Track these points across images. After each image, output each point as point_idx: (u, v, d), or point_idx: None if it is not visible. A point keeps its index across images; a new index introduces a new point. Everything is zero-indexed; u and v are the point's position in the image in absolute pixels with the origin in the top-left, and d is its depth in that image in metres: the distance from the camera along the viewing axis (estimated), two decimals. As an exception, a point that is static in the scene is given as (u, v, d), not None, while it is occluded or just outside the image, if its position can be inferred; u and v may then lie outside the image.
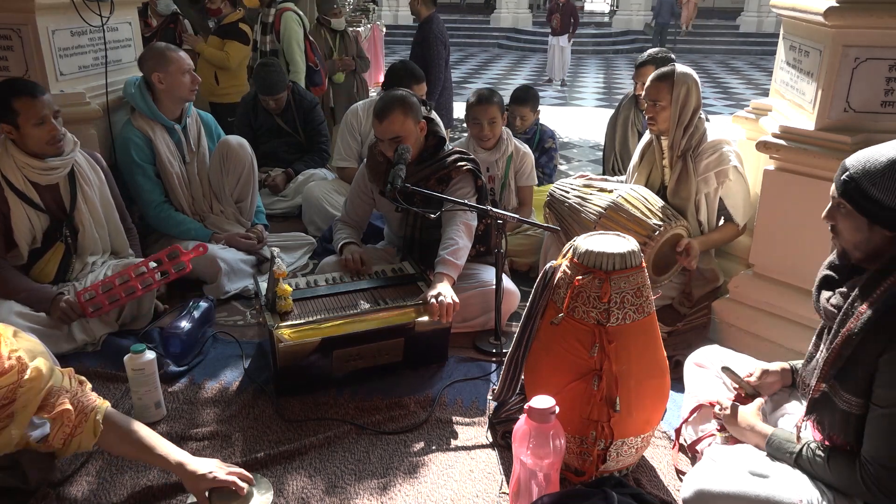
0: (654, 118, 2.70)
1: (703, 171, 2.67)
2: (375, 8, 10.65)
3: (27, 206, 2.58)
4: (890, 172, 1.43)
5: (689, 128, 2.68)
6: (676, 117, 2.65)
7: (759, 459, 1.67)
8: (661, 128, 2.71)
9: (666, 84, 2.64)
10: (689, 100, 2.64)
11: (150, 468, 2.04)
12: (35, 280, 2.64)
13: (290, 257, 3.47)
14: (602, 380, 1.80)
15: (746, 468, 1.63)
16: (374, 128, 2.68)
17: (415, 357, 2.53)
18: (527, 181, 3.55)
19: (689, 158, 2.69)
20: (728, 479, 1.60)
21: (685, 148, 2.70)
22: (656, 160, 2.85)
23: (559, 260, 1.93)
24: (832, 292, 1.62)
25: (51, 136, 2.53)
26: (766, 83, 10.91)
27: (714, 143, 2.68)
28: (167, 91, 3.11)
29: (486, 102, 3.37)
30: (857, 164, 1.49)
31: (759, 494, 1.54)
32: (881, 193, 1.44)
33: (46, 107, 2.51)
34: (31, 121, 2.48)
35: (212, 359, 2.65)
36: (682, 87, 2.62)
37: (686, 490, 1.65)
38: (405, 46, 17.40)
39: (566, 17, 11.50)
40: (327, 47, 5.40)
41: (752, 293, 2.66)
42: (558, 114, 8.99)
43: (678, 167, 2.72)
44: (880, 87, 2.33)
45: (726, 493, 1.57)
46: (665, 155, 2.78)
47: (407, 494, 1.96)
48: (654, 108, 2.69)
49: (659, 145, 2.81)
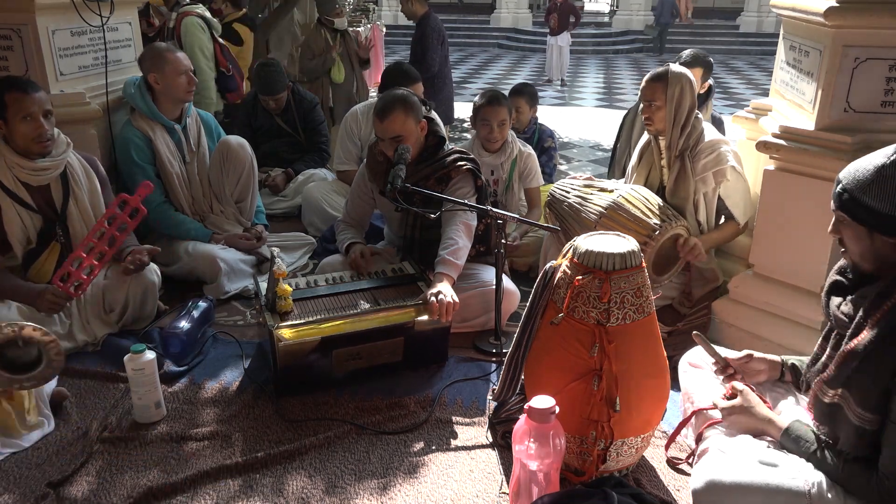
0: (650, 118, 2.73)
1: (701, 170, 2.69)
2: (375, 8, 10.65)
3: (18, 206, 2.57)
4: (879, 180, 1.46)
5: (686, 127, 2.70)
6: (672, 117, 2.67)
7: (767, 450, 1.67)
8: (657, 127, 2.74)
9: (660, 84, 2.67)
10: (684, 99, 2.66)
11: (150, 468, 2.04)
12: (33, 280, 2.64)
13: (290, 257, 3.47)
14: (602, 380, 1.80)
15: (756, 457, 1.63)
16: (375, 127, 2.68)
17: (415, 357, 2.53)
18: (533, 182, 3.54)
19: (686, 158, 2.71)
20: (738, 469, 1.61)
21: (683, 147, 2.71)
22: (655, 160, 2.86)
23: (559, 260, 1.94)
24: (843, 299, 1.62)
25: (37, 134, 2.51)
26: (766, 83, 10.91)
27: (711, 143, 2.69)
28: (163, 92, 3.11)
29: (496, 104, 3.36)
30: (848, 175, 1.52)
31: (770, 483, 1.55)
32: (874, 201, 1.46)
33: (36, 104, 2.49)
34: (18, 115, 2.46)
35: (212, 359, 2.65)
36: (676, 86, 2.65)
37: (697, 481, 1.65)
38: (405, 46, 17.38)
39: (564, 16, 11.49)
40: (327, 47, 5.39)
41: (752, 293, 2.66)
42: (558, 114, 8.98)
43: (676, 167, 2.73)
44: (880, 87, 2.33)
45: (737, 483, 1.58)
46: (663, 155, 2.80)
47: (407, 494, 1.96)
48: (650, 108, 2.72)
49: (657, 145, 2.83)
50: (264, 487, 1.97)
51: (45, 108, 2.53)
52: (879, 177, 1.46)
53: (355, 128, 3.87)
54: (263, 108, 4.32)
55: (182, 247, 3.16)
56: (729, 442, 1.74)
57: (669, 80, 2.66)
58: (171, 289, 3.06)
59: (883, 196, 1.45)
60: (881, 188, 1.45)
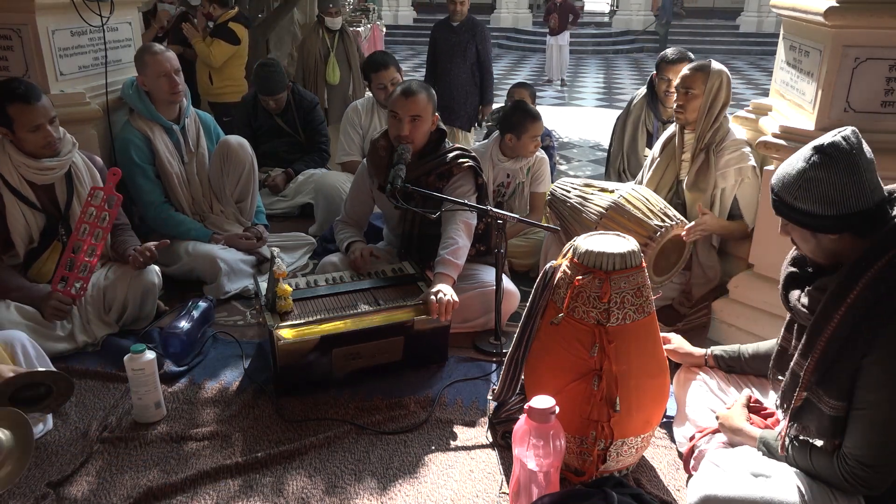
0: (683, 106, 2.78)
1: (724, 165, 2.74)
2: (375, 8, 10.64)
3: (22, 204, 2.58)
4: (803, 183, 1.48)
5: (716, 122, 2.75)
6: (706, 108, 2.73)
7: (759, 460, 1.68)
8: (688, 117, 2.79)
9: (702, 74, 2.74)
10: (721, 94, 2.73)
11: (150, 468, 2.04)
12: (33, 280, 2.64)
13: (290, 257, 3.47)
14: (602, 380, 1.80)
15: (748, 470, 1.64)
16: (396, 104, 2.68)
17: (414, 356, 2.53)
18: (541, 187, 3.54)
19: (711, 152, 2.76)
20: (732, 483, 1.61)
21: (709, 142, 2.77)
22: (676, 154, 2.89)
23: (559, 260, 1.94)
24: (801, 291, 1.64)
25: (46, 142, 2.54)
26: (766, 83, 10.91)
27: (737, 142, 2.77)
28: (151, 92, 3.12)
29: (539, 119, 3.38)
30: (777, 181, 1.56)
31: (764, 496, 1.55)
32: (805, 205, 1.49)
33: (41, 114, 2.50)
34: (25, 127, 2.49)
35: (212, 359, 2.65)
36: (716, 80, 2.72)
37: (692, 496, 1.66)
38: (405, 46, 17.41)
39: (564, 16, 11.49)
40: (325, 47, 5.38)
41: (752, 293, 2.66)
42: (558, 114, 8.98)
43: (700, 159, 2.78)
44: (880, 87, 2.33)
45: (731, 497, 1.58)
46: (686, 148, 2.84)
47: (407, 494, 1.96)
48: (685, 97, 2.77)
49: (681, 138, 2.86)
50: (264, 487, 1.97)
51: (51, 116, 2.56)
52: (803, 180, 1.48)
53: (356, 118, 4.01)
54: (263, 108, 4.32)
55: (182, 247, 3.16)
56: (724, 455, 1.75)
57: (711, 72, 2.73)
58: (171, 289, 3.06)
59: (811, 198, 1.48)
60: (807, 191, 1.48)
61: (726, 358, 2.08)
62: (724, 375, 2.08)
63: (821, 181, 1.46)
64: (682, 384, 2.14)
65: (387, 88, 3.84)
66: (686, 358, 2.15)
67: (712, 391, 2.03)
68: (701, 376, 2.09)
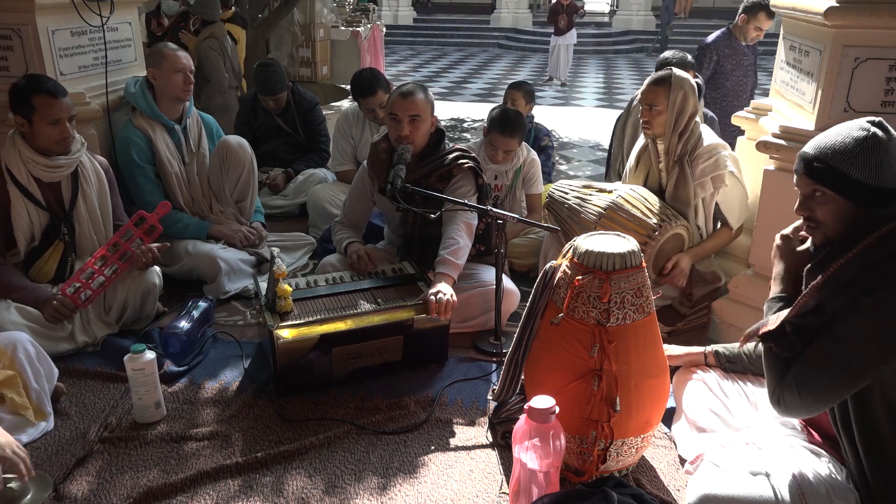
0: (649, 122, 2.70)
1: (700, 175, 2.67)
2: (375, 8, 10.64)
3: (27, 201, 2.58)
4: (862, 151, 1.45)
5: (685, 133, 2.67)
6: (672, 122, 2.65)
7: (757, 458, 1.69)
8: (655, 132, 2.71)
9: (663, 88, 2.64)
10: (686, 105, 2.63)
11: (150, 468, 2.04)
12: (33, 279, 2.64)
13: (290, 257, 3.47)
14: (602, 380, 1.80)
15: (747, 469, 1.65)
16: (394, 106, 2.68)
17: (414, 356, 2.53)
18: (534, 188, 3.53)
19: (685, 163, 2.69)
20: (731, 482, 1.61)
21: (681, 153, 2.69)
22: (652, 163, 2.84)
23: (559, 260, 1.94)
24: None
25: (62, 137, 2.56)
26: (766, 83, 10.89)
27: (710, 148, 2.67)
28: (161, 88, 3.12)
29: (509, 134, 3.25)
30: (825, 148, 1.50)
31: (763, 495, 1.56)
32: (860, 173, 1.45)
33: (64, 109, 2.53)
34: (45, 119, 2.50)
35: (212, 359, 2.65)
36: (678, 91, 2.62)
37: (691, 496, 1.66)
38: (405, 46, 17.41)
39: (572, 15, 11.53)
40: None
41: (752, 293, 2.66)
42: (558, 114, 8.98)
43: (675, 172, 2.71)
44: (880, 87, 2.33)
45: (730, 496, 1.59)
46: (661, 158, 2.78)
47: (407, 494, 1.96)
48: (649, 112, 2.68)
49: (654, 148, 2.81)
50: (264, 487, 1.97)
51: (71, 114, 2.58)
52: (863, 147, 1.45)
53: (347, 127, 3.98)
54: (263, 108, 4.32)
55: (182, 246, 3.16)
56: (723, 455, 1.75)
57: (672, 84, 2.63)
58: (171, 289, 3.06)
59: (868, 166, 1.44)
60: (865, 159, 1.44)
61: (727, 355, 2.07)
62: (723, 374, 2.08)
63: (887, 150, 1.44)
64: (680, 383, 2.14)
65: (376, 112, 3.79)
66: (686, 357, 2.15)
67: (711, 390, 2.03)
68: (699, 375, 2.09)
